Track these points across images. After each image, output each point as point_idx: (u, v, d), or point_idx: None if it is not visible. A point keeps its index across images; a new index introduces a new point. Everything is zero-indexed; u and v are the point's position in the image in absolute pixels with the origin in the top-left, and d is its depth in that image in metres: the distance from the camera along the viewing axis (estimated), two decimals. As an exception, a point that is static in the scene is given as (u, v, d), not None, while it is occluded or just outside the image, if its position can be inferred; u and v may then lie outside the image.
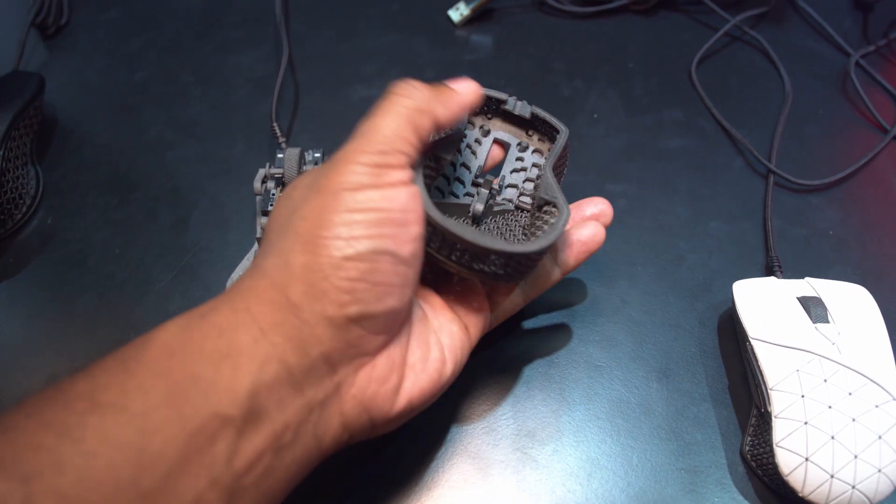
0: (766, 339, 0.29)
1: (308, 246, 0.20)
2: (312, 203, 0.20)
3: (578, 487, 0.28)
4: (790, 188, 0.38)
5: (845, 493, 0.25)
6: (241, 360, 0.18)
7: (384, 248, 0.20)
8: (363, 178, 0.20)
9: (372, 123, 0.22)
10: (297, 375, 0.19)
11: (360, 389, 0.21)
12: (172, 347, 0.18)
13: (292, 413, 0.19)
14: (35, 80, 0.39)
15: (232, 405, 0.18)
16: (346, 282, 0.19)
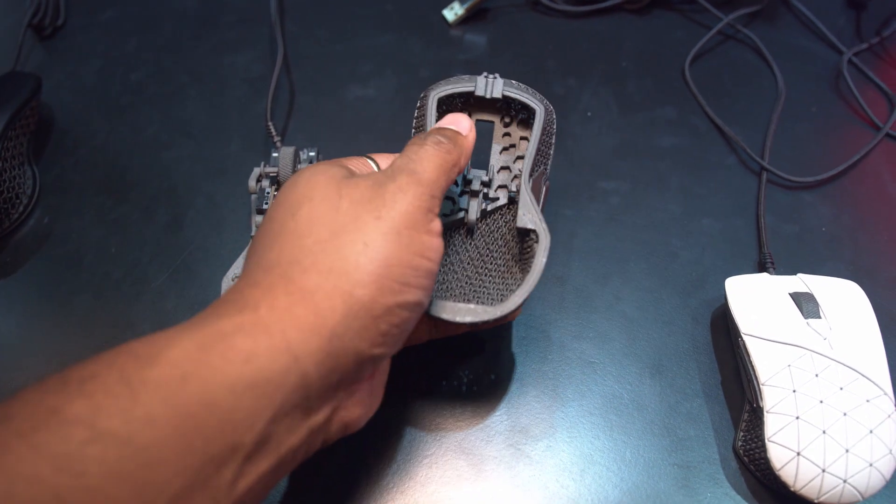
0: (758, 335, 0.29)
1: (376, 282, 0.19)
2: (375, 235, 0.20)
3: (572, 483, 0.28)
4: (783, 185, 0.38)
5: (837, 487, 0.25)
6: (267, 390, 0.17)
7: (421, 299, 0.21)
8: (421, 220, 0.21)
9: (419, 165, 0.22)
10: (313, 401, 0.19)
11: (348, 413, 0.21)
12: (186, 370, 0.16)
13: (297, 438, 0.19)
14: (32, 80, 0.39)
15: (248, 435, 0.17)
16: (387, 326, 0.20)
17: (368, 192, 0.21)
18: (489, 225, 0.29)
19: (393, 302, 0.20)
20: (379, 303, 0.19)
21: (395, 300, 0.20)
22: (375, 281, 0.19)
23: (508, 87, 0.28)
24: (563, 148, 0.40)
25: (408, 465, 0.28)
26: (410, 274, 0.20)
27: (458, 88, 0.28)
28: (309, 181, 0.21)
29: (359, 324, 0.19)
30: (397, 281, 0.20)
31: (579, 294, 0.33)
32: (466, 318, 0.24)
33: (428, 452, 0.28)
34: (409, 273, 0.20)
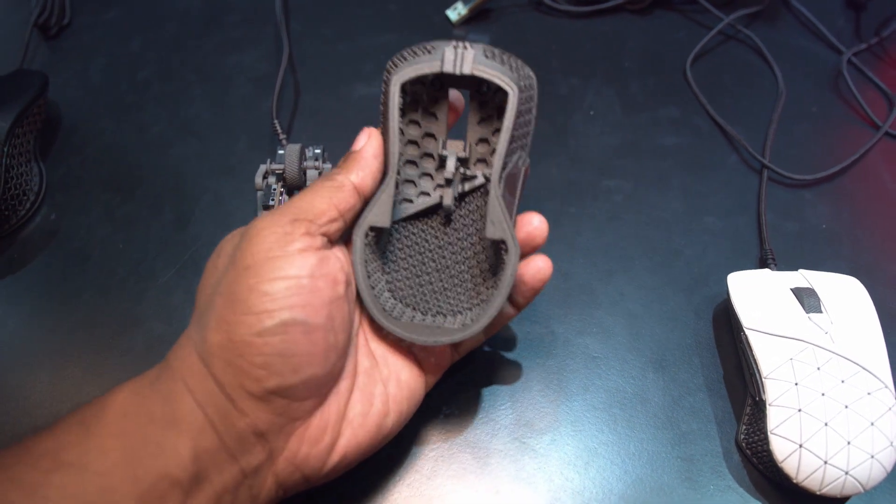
0: (760, 329, 0.29)
1: (221, 324, 0.20)
2: (228, 278, 0.21)
3: (576, 476, 0.28)
4: (784, 183, 0.38)
5: (839, 478, 0.25)
6: (182, 428, 0.20)
7: (294, 318, 0.20)
8: (272, 247, 0.21)
9: (290, 200, 0.23)
10: (229, 445, 0.20)
11: (292, 452, 0.21)
12: (126, 410, 0.20)
13: (229, 478, 0.20)
14: (39, 78, 0.39)
15: (178, 468, 0.19)
16: (259, 357, 0.20)
17: (237, 240, 0.22)
18: (468, 206, 0.27)
19: (249, 332, 0.20)
20: (235, 340, 0.20)
21: (251, 331, 0.20)
22: (224, 322, 0.20)
23: (481, 62, 0.24)
24: (566, 147, 0.40)
25: (414, 458, 0.28)
26: (265, 301, 0.20)
27: (421, 70, 0.24)
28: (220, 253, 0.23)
29: (228, 363, 0.20)
30: (247, 313, 0.20)
31: (583, 290, 0.34)
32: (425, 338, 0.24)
33: (434, 446, 0.29)
34: (260, 302, 0.20)
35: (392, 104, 0.24)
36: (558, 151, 0.40)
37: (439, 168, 0.27)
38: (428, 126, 0.27)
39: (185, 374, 0.21)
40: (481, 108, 0.27)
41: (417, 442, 0.29)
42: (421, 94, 0.26)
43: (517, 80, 0.25)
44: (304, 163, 0.34)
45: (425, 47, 0.25)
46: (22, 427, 0.29)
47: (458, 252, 0.27)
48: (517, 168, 0.25)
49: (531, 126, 0.26)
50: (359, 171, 0.24)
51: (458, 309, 0.27)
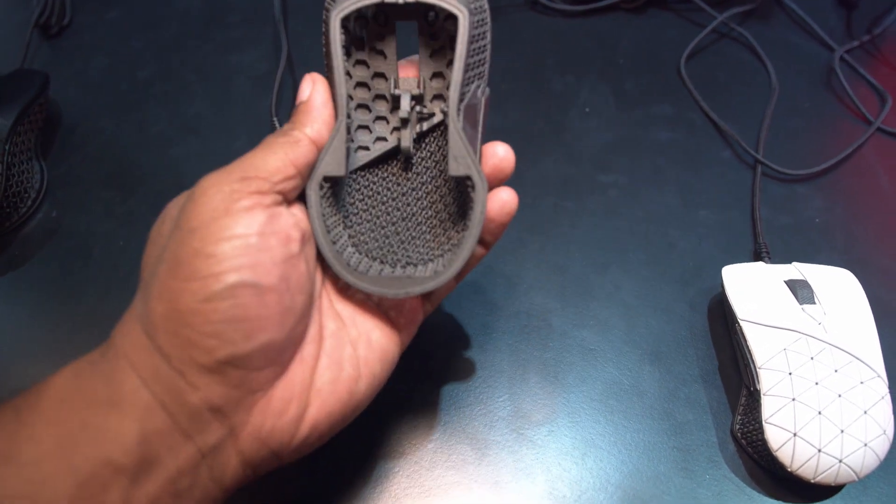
0: (754, 320, 0.29)
1: (164, 293, 0.19)
2: (172, 243, 0.19)
3: (573, 466, 0.28)
4: (777, 178, 0.39)
5: (833, 466, 0.26)
6: (126, 409, 0.18)
7: (242, 280, 0.18)
8: (218, 206, 0.19)
9: (242, 157, 0.21)
10: (182, 423, 0.19)
11: (256, 427, 0.20)
12: (64, 395, 0.18)
13: (184, 459, 0.19)
14: (40, 77, 0.39)
15: (122, 453, 0.18)
16: (207, 325, 0.18)
17: (182, 201, 0.21)
18: (428, 147, 0.25)
19: (194, 300, 0.18)
20: (181, 308, 0.18)
21: (197, 297, 0.18)
22: (168, 290, 0.19)
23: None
24: (562, 143, 0.40)
25: (414, 449, 0.29)
26: (211, 264, 0.18)
27: (361, 2, 0.22)
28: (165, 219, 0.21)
29: (175, 335, 0.18)
30: (192, 278, 0.18)
31: (580, 283, 0.34)
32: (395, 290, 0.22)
33: (433, 437, 0.29)
34: (208, 264, 0.18)
35: (335, 42, 0.22)
36: (554, 147, 0.40)
37: (394, 109, 0.25)
38: (376, 66, 0.25)
39: (129, 350, 0.19)
40: (432, 40, 0.24)
41: (416, 433, 0.29)
42: (364, 29, 0.24)
43: (466, 3, 0.23)
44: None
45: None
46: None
47: (423, 197, 0.25)
48: (476, 98, 0.24)
49: (487, 52, 0.24)
50: (312, 123, 0.22)
51: (428, 257, 0.25)
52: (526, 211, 0.37)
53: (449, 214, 0.25)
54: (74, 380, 0.19)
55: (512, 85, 0.43)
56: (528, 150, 0.40)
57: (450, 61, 0.24)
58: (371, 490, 0.27)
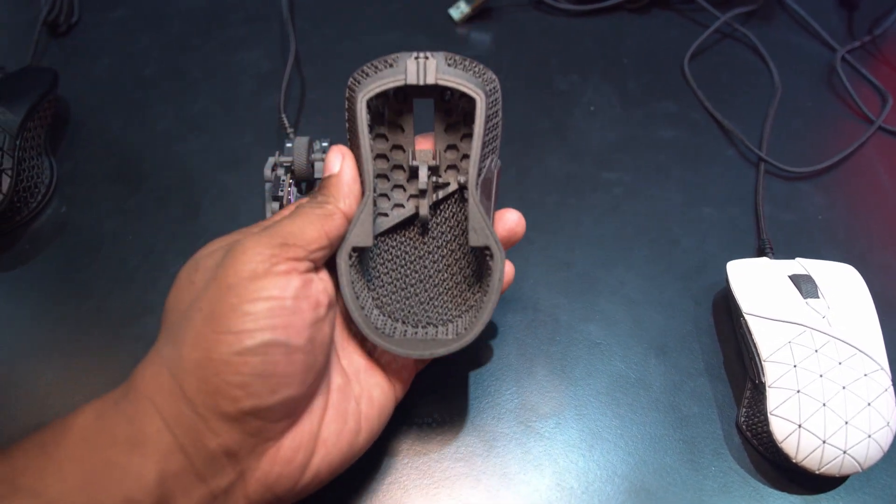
0: (759, 314, 0.30)
1: (200, 341, 0.20)
2: (209, 294, 0.20)
3: (581, 458, 0.29)
4: (780, 176, 0.39)
5: (837, 458, 0.26)
6: (148, 450, 0.19)
7: (275, 339, 0.20)
8: (257, 268, 0.20)
9: (279, 222, 0.22)
10: (198, 466, 0.20)
11: (265, 473, 0.21)
12: (87, 434, 0.19)
13: (197, 500, 0.20)
14: (49, 74, 0.40)
15: (142, 492, 0.18)
16: (237, 377, 0.19)
17: (218, 256, 0.21)
18: (443, 213, 0.27)
19: (229, 351, 0.19)
20: (213, 358, 0.19)
21: (231, 349, 0.19)
22: (203, 339, 0.20)
23: (444, 71, 0.24)
24: (566, 141, 0.41)
25: (422, 441, 0.29)
26: (247, 320, 0.20)
27: (385, 85, 0.24)
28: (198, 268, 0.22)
29: (203, 382, 0.19)
30: (228, 332, 0.19)
31: (585, 279, 0.34)
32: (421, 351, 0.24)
33: (441, 429, 0.29)
34: (242, 321, 0.20)
35: (361, 121, 0.24)
36: (559, 146, 0.41)
37: (411, 179, 0.27)
38: (395, 138, 0.27)
39: (153, 393, 0.20)
40: (447, 116, 0.27)
41: (425, 426, 0.29)
42: (385, 107, 0.26)
43: (482, 85, 0.25)
44: (312, 155, 0.35)
45: (386, 61, 0.25)
46: (33, 417, 0.30)
47: (439, 260, 0.27)
48: (491, 172, 0.26)
49: (499, 129, 0.26)
50: (344, 198, 0.24)
51: (447, 318, 0.27)
52: (531, 209, 0.37)
53: (464, 277, 0.27)
54: (97, 420, 0.19)
55: (516, 84, 0.44)
56: (532, 149, 0.40)
57: (463, 135, 0.26)
58: (380, 482, 0.28)
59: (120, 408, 0.20)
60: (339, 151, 0.25)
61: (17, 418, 0.30)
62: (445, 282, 0.27)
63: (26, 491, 0.18)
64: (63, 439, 0.19)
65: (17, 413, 0.30)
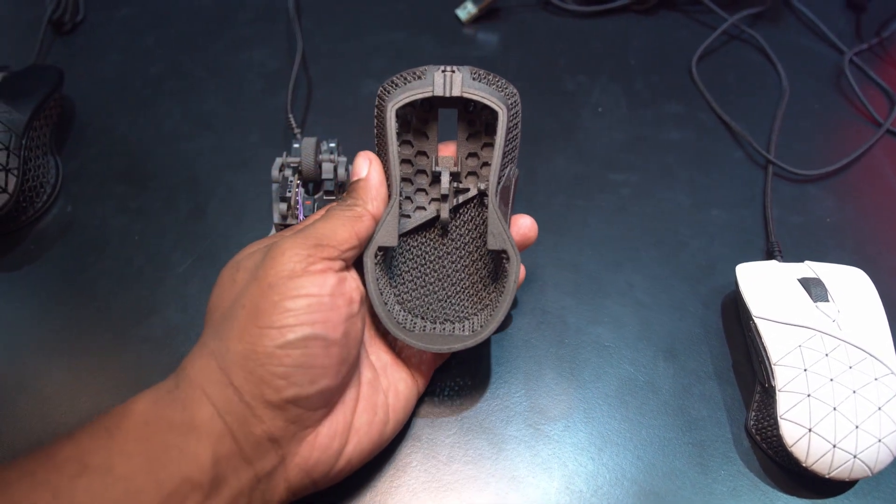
0: (768, 318, 0.30)
1: (245, 335, 0.21)
2: (251, 292, 0.22)
3: (590, 461, 0.28)
4: (788, 178, 0.39)
5: (847, 462, 0.26)
6: (202, 434, 0.21)
7: (315, 333, 0.22)
8: (295, 267, 0.22)
9: (312, 224, 0.24)
10: (246, 450, 0.21)
11: (304, 458, 0.23)
12: (147, 419, 0.21)
13: (245, 482, 0.21)
14: (54, 73, 0.40)
15: (199, 472, 0.20)
16: (280, 368, 0.21)
17: (258, 257, 0.23)
18: (462, 216, 0.29)
19: (272, 344, 0.21)
20: (258, 350, 0.21)
21: (274, 343, 0.21)
22: (248, 333, 0.21)
23: (469, 85, 0.26)
24: (574, 141, 0.41)
25: (431, 444, 0.29)
26: (288, 316, 0.21)
27: (414, 95, 0.26)
28: (239, 268, 0.24)
29: (249, 373, 0.21)
30: (271, 327, 0.21)
31: (593, 281, 0.34)
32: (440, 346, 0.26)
33: (450, 432, 0.29)
34: (283, 317, 0.21)
35: (390, 130, 0.26)
36: (566, 146, 0.40)
37: (433, 183, 0.29)
38: (420, 145, 0.28)
39: (204, 383, 0.21)
40: (469, 126, 0.28)
41: (434, 428, 0.29)
42: (412, 115, 0.28)
43: (504, 98, 0.26)
44: (319, 156, 0.35)
45: (415, 73, 0.27)
46: (40, 416, 0.30)
47: (457, 260, 0.29)
48: (509, 180, 0.27)
49: (518, 139, 0.28)
50: (372, 200, 0.26)
51: (463, 315, 0.28)
52: (539, 209, 0.37)
53: (481, 277, 0.29)
54: (154, 406, 0.21)
55: (525, 84, 0.44)
56: (540, 149, 0.40)
57: (484, 144, 0.28)
58: (389, 484, 0.28)
59: (174, 396, 0.21)
60: (367, 157, 0.27)
61: (22, 418, 0.30)
62: (463, 281, 0.29)
63: (96, 469, 0.19)
64: (124, 422, 0.20)
65: (23, 413, 0.30)
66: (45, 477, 0.19)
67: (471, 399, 0.30)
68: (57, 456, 0.19)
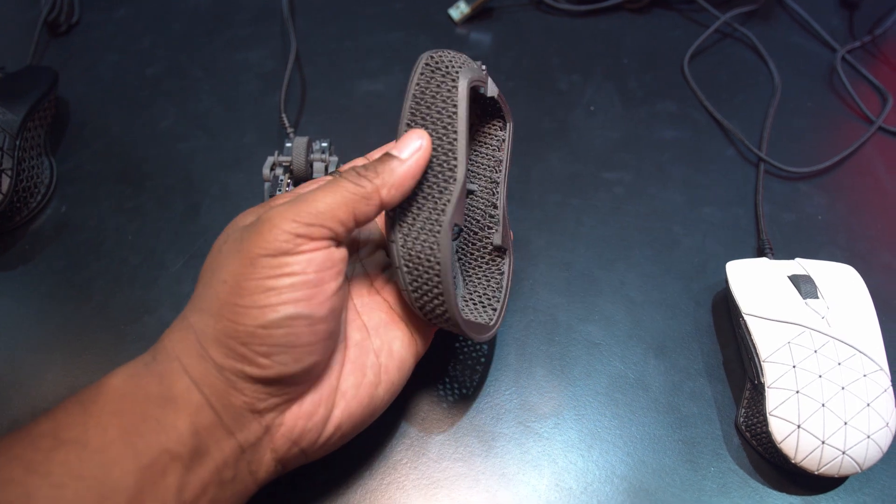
0: (758, 315, 0.30)
1: (225, 311, 0.20)
2: (233, 266, 0.21)
3: (580, 458, 0.29)
4: (780, 176, 0.39)
5: (836, 458, 0.26)
6: (179, 405, 0.20)
7: (299, 312, 0.20)
8: (282, 245, 0.20)
9: (310, 196, 0.22)
10: (227, 421, 0.21)
11: (289, 428, 0.22)
12: (124, 391, 0.20)
13: (228, 452, 0.21)
14: (49, 74, 0.40)
15: (178, 443, 0.20)
16: (262, 347, 0.20)
17: (245, 231, 0.21)
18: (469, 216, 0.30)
19: (254, 324, 0.20)
20: (239, 329, 0.20)
21: (256, 322, 0.20)
22: (228, 310, 0.20)
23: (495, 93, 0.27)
24: (567, 141, 0.41)
25: (421, 441, 0.29)
26: (271, 295, 0.20)
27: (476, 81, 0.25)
28: (227, 238, 0.22)
29: (230, 351, 0.20)
30: (253, 306, 0.20)
31: (585, 279, 0.34)
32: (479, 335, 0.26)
33: (440, 429, 0.29)
34: (268, 295, 0.20)
35: (461, 104, 0.23)
36: (560, 145, 0.41)
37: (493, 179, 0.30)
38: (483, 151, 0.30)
39: (181, 355, 0.21)
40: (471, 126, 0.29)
41: (424, 426, 0.29)
42: None
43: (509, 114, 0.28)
44: (310, 155, 0.35)
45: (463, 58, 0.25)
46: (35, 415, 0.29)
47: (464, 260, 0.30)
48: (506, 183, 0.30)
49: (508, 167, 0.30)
50: (393, 188, 0.23)
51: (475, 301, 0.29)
52: (532, 208, 0.37)
53: (483, 272, 0.29)
54: (131, 379, 0.21)
55: (518, 84, 0.44)
56: (534, 148, 0.40)
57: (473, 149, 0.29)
58: (379, 482, 0.28)
59: (150, 369, 0.21)
60: (422, 137, 0.23)
61: (18, 418, 0.30)
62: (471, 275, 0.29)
63: (71, 443, 0.19)
64: (99, 397, 0.20)
65: (19, 412, 0.30)
66: (20, 451, 0.18)
67: (461, 396, 0.30)
68: (32, 432, 0.19)
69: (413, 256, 0.23)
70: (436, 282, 0.23)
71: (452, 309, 0.24)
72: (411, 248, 0.23)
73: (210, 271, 0.22)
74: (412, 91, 0.24)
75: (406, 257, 0.24)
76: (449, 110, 0.24)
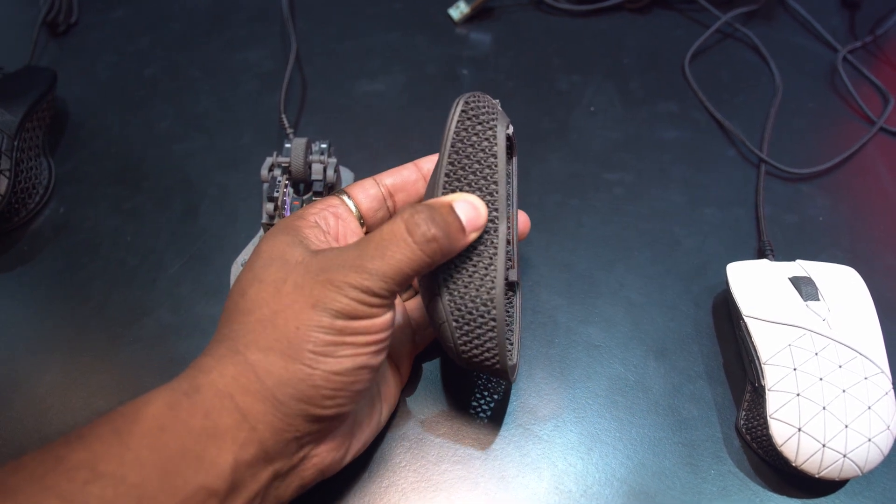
0: (759, 317, 0.30)
1: (296, 353, 0.21)
2: (304, 315, 0.21)
3: (579, 461, 0.28)
4: (781, 177, 0.39)
5: (837, 461, 0.26)
6: (225, 441, 0.20)
7: (367, 363, 0.22)
8: (352, 307, 0.21)
9: (383, 253, 0.22)
10: (271, 454, 0.22)
11: (321, 458, 0.23)
12: (162, 423, 0.20)
13: (262, 482, 0.21)
14: (48, 74, 0.40)
15: (217, 478, 0.20)
16: (330, 391, 0.22)
17: (311, 278, 0.22)
18: None
19: (328, 370, 0.21)
20: (315, 375, 0.21)
21: (331, 369, 0.21)
22: (297, 350, 0.21)
23: None
24: (567, 141, 0.41)
25: (420, 444, 0.29)
26: (346, 348, 0.22)
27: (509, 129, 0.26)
28: (263, 262, 0.23)
29: (299, 392, 0.21)
30: (328, 355, 0.21)
31: (585, 280, 0.34)
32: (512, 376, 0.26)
33: (439, 431, 0.29)
34: (342, 348, 0.22)
35: (501, 150, 0.24)
36: (560, 146, 0.40)
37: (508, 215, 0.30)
38: None
39: (236, 393, 0.21)
40: None
41: (423, 428, 0.29)
42: None
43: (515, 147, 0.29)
44: (309, 157, 0.35)
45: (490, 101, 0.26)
46: (34, 416, 0.30)
47: None
48: None
49: None
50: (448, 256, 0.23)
51: None
52: (532, 209, 0.37)
53: None
54: (170, 410, 0.20)
55: (518, 84, 0.44)
56: (534, 149, 0.40)
57: None
58: (378, 485, 0.28)
59: (193, 401, 0.21)
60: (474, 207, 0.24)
61: (17, 419, 0.30)
62: None
63: (108, 476, 0.19)
64: (136, 427, 0.20)
65: (17, 413, 0.30)
66: (54, 482, 0.18)
67: (460, 399, 0.30)
68: (67, 461, 0.19)
69: (465, 312, 0.24)
70: (489, 336, 0.24)
71: (504, 360, 0.25)
72: (461, 305, 0.24)
73: (265, 305, 0.22)
74: (449, 139, 0.25)
75: (456, 312, 0.24)
76: (488, 159, 0.25)
